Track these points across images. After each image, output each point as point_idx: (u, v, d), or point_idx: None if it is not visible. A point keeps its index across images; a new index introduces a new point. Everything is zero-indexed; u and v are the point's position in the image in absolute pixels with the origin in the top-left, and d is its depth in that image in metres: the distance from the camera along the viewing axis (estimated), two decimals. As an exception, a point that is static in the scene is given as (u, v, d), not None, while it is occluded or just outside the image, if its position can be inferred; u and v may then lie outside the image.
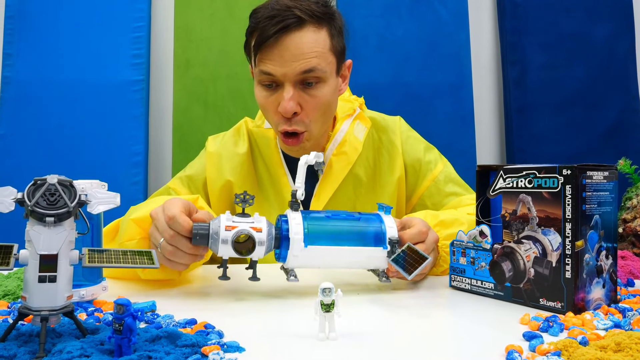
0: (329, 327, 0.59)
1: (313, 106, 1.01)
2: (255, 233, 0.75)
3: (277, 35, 0.95)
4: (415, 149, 1.17)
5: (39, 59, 1.93)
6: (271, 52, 0.97)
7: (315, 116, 1.02)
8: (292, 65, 0.96)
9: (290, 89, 0.98)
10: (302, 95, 1.00)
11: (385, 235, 0.81)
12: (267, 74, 0.98)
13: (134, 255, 0.59)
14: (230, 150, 1.14)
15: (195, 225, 0.75)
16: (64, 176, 0.56)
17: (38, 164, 1.88)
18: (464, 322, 0.69)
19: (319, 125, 1.04)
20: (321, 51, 0.99)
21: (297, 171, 0.82)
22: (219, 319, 0.66)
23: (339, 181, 1.10)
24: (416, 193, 1.17)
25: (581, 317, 0.65)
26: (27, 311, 0.53)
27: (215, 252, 0.76)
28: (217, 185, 1.12)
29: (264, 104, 1.03)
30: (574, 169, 0.68)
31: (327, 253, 0.79)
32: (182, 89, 2.01)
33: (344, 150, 1.11)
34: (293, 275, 0.78)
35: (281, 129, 1.02)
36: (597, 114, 2.22)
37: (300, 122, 1.01)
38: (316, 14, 0.98)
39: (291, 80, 0.98)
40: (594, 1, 2.24)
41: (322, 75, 0.99)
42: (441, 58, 2.13)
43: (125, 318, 0.50)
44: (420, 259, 0.76)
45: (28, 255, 0.53)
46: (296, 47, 0.96)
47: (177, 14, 2.03)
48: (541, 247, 0.72)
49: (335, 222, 0.81)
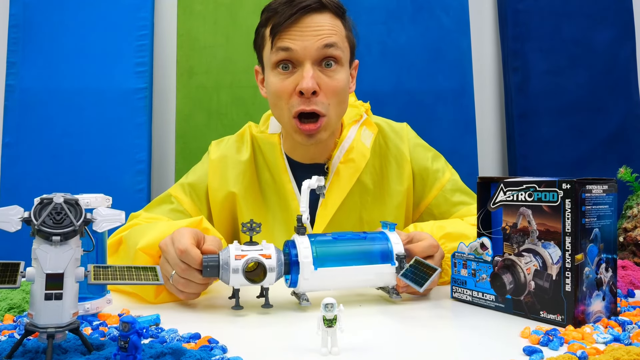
0: (331, 342, 0.60)
1: (332, 89, 0.99)
2: (265, 260, 0.76)
3: (297, 15, 0.96)
4: (423, 157, 1.16)
5: (43, 68, 1.95)
6: (291, 31, 0.96)
7: (334, 101, 1.00)
8: (313, 39, 0.96)
9: (310, 68, 0.97)
10: (320, 77, 0.98)
11: (392, 251, 0.82)
12: (285, 50, 0.97)
13: (138, 271, 0.60)
14: (233, 157, 1.13)
15: (205, 258, 0.76)
16: (69, 194, 0.57)
17: (43, 172, 1.90)
18: (465, 334, 0.69)
19: (336, 113, 1.02)
20: (340, 34, 1.00)
21: (301, 195, 0.83)
22: (222, 333, 0.67)
23: (347, 189, 1.08)
24: (423, 202, 1.16)
25: (581, 331, 0.66)
26: (34, 328, 0.54)
27: (227, 282, 0.76)
28: (220, 196, 1.11)
29: (279, 89, 1.00)
30: (573, 183, 0.69)
31: (337, 274, 0.80)
32: (186, 96, 2.02)
33: (351, 157, 1.09)
34: (305, 299, 0.79)
35: (299, 109, 0.98)
36: (600, 120, 2.22)
37: (320, 102, 0.98)
38: (335, 5, 1.01)
39: (312, 56, 0.97)
40: (594, 7, 2.25)
41: (340, 55, 1.00)
42: (443, 65, 2.14)
43: (130, 335, 0.51)
44: (430, 271, 0.77)
45: (35, 273, 0.54)
46: (317, 24, 0.97)
47: (180, 22, 2.04)
48: (541, 260, 0.72)
49: (343, 243, 0.82)
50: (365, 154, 1.10)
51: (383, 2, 2.12)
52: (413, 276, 0.78)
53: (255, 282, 0.76)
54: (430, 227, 0.98)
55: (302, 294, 0.79)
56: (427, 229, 0.97)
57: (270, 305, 0.78)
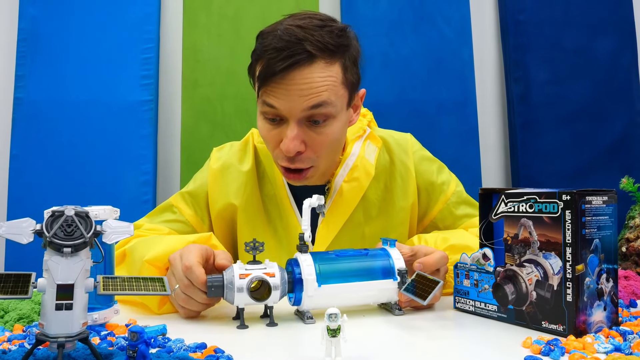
0: (335, 352, 0.61)
1: (320, 144, 0.94)
2: (269, 278, 0.77)
3: (283, 73, 0.88)
4: (428, 171, 1.14)
5: (50, 80, 1.97)
6: (277, 87, 0.89)
7: (323, 153, 0.96)
8: (298, 100, 0.89)
9: (294, 127, 0.91)
10: (307, 133, 0.93)
11: (393, 267, 0.83)
12: (270, 107, 0.92)
13: (146, 281, 0.61)
14: (234, 167, 1.11)
15: (210, 278, 0.77)
16: (79, 207, 0.58)
17: (50, 183, 1.92)
18: (467, 344, 0.70)
19: (326, 161, 0.99)
20: (332, 85, 0.91)
21: (302, 214, 0.83)
22: (228, 343, 0.68)
23: (351, 209, 1.06)
24: (428, 216, 1.15)
25: (582, 341, 0.66)
26: (45, 338, 0.55)
27: (231, 301, 0.77)
28: (219, 205, 1.09)
29: (265, 137, 0.97)
30: (573, 194, 0.70)
31: (340, 290, 0.81)
32: (190, 108, 2.04)
33: (355, 176, 1.06)
34: (309, 317, 0.79)
35: (283, 164, 0.96)
36: (602, 129, 2.23)
37: (306, 159, 0.95)
38: (329, 47, 0.90)
39: (297, 117, 0.91)
40: (595, 17, 2.26)
41: (331, 111, 0.92)
42: (446, 76, 2.16)
43: (138, 345, 0.52)
44: (432, 284, 0.78)
45: (46, 284, 0.55)
46: (304, 81, 0.89)
47: (186, 35, 2.07)
48: (542, 270, 0.73)
49: (345, 260, 0.83)
50: (369, 172, 1.07)
51: (385, 14, 2.15)
52: (416, 290, 0.79)
53: (260, 301, 0.77)
54: (434, 238, 0.98)
55: (306, 312, 0.80)
56: (431, 240, 0.97)
57: (275, 324, 0.78)
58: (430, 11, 2.18)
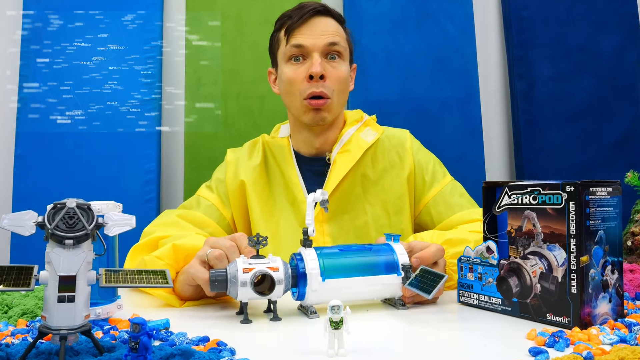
0: (338, 344, 0.61)
1: (336, 77, 1.17)
2: (272, 272, 0.77)
3: (306, 16, 1.16)
4: (425, 158, 1.26)
5: (54, 81, 1.98)
6: (303, 29, 1.16)
7: (337, 88, 1.17)
8: (320, 38, 1.16)
9: (318, 57, 1.15)
10: (326, 66, 1.16)
11: (397, 262, 0.83)
12: (298, 47, 1.16)
13: (148, 274, 0.61)
14: (245, 160, 1.26)
15: (212, 272, 0.77)
16: (82, 199, 0.58)
17: (54, 183, 1.92)
18: (472, 337, 0.70)
19: (338, 99, 1.19)
20: (341, 36, 1.20)
21: (307, 208, 0.84)
22: (231, 336, 0.68)
23: (341, 176, 1.17)
24: (422, 200, 1.22)
25: (587, 332, 0.66)
26: (47, 330, 0.55)
27: (235, 296, 0.77)
28: (233, 186, 1.23)
29: (292, 77, 1.17)
30: (577, 185, 0.70)
31: (344, 285, 0.81)
32: (194, 107, 2.04)
33: (347, 148, 1.21)
34: (313, 312, 0.79)
35: (309, 92, 1.15)
36: (606, 125, 2.22)
37: (327, 87, 1.16)
38: (337, 16, 1.22)
39: (319, 49, 1.16)
40: (600, 13, 2.25)
41: (342, 51, 1.18)
42: (449, 73, 2.15)
43: (141, 336, 0.52)
44: (437, 278, 0.78)
45: (48, 276, 0.55)
46: (324, 25, 1.17)
47: (189, 34, 2.08)
48: (547, 262, 0.73)
49: (349, 255, 0.83)
50: (361, 146, 1.21)
51: (388, 11, 2.14)
52: (420, 284, 0.79)
53: (264, 295, 0.77)
54: (430, 235, 1.01)
55: (310, 307, 0.80)
56: (427, 237, 1.00)
57: (279, 319, 0.78)
58: (433, 8, 2.17)
